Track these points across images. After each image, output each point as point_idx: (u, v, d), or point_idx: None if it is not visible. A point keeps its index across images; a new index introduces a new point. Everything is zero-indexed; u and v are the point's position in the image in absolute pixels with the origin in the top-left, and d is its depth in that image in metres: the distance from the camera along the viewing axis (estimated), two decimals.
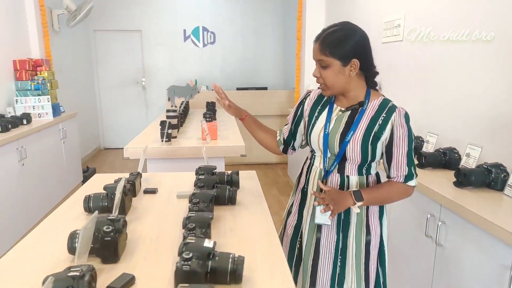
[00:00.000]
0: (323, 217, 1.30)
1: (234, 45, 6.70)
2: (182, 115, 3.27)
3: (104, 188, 1.33)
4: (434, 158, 2.00)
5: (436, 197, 1.68)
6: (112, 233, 0.98)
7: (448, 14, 2.29)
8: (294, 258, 1.50)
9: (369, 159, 1.33)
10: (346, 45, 1.24)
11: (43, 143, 3.58)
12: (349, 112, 1.34)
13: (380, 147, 1.32)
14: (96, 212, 0.95)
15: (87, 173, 4.79)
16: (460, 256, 1.57)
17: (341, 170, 1.37)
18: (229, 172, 1.63)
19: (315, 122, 1.40)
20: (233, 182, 1.60)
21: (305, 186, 1.47)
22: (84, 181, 4.74)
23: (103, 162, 5.97)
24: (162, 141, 2.59)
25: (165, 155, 2.52)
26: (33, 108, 3.76)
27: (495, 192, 1.64)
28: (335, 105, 1.39)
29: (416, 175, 1.33)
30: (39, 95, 3.83)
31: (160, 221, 1.32)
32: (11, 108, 3.62)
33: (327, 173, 1.39)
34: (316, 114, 1.41)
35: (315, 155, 1.44)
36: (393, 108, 1.30)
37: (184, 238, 1.02)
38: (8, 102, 3.69)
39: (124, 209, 1.32)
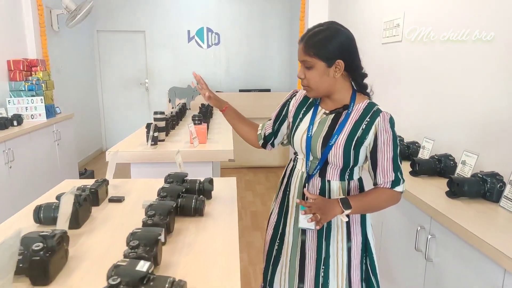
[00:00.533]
0: (305, 222, 1.24)
1: (239, 46, 6.60)
2: (175, 117, 3.17)
3: (57, 198, 1.24)
4: (428, 165, 1.86)
5: (426, 208, 1.55)
6: (42, 252, 0.88)
7: (448, 14, 2.15)
8: (272, 259, 1.48)
9: (351, 164, 1.29)
10: (330, 45, 1.21)
11: (35, 145, 3.53)
12: (332, 116, 1.31)
13: (364, 152, 1.28)
14: (20, 228, 0.85)
15: (85, 175, 4.75)
16: (450, 273, 1.43)
17: (323, 174, 1.33)
18: (202, 179, 1.53)
19: (298, 124, 1.36)
20: (205, 191, 1.49)
21: (287, 189, 1.43)
22: None
23: (104, 164, 5.92)
24: (148, 144, 2.50)
25: (149, 159, 2.42)
26: (26, 109, 3.71)
27: (490, 204, 1.50)
28: (319, 108, 1.35)
29: (403, 180, 1.28)
30: (32, 95, 3.79)
31: (115, 235, 1.22)
32: (3, 109, 3.58)
33: (309, 177, 1.35)
34: (300, 116, 1.38)
35: (297, 158, 1.41)
36: (378, 112, 1.26)
37: (125, 257, 0.91)
38: (1, 103, 3.66)
39: (77, 220, 1.22)
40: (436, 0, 2.28)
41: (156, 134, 2.54)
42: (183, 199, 1.33)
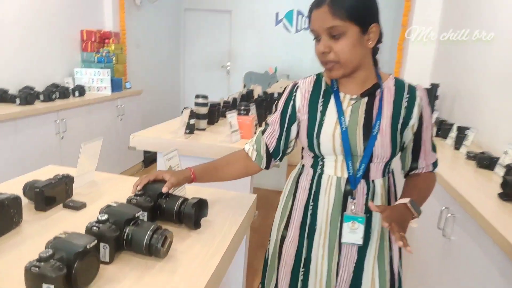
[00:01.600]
0: (354, 236, 1.07)
1: None
2: (228, 104, 2.72)
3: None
4: None
5: None
6: None
7: None
8: None
9: (396, 152, 1.09)
10: (364, 6, 0.99)
11: (93, 117, 3.42)
12: (366, 99, 1.07)
13: (407, 135, 1.09)
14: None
15: (150, 153, 4.63)
16: None
17: (366, 175, 1.09)
18: (189, 198, 1.03)
19: (322, 120, 1.08)
20: (183, 217, 0.99)
21: (312, 203, 1.13)
22: (145, 161, 4.59)
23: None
24: (181, 132, 2.09)
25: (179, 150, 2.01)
26: (93, 81, 3.63)
27: None
28: (342, 94, 1.08)
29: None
30: (101, 68, 3.70)
31: (9, 270, 0.79)
32: (71, 78, 3.53)
33: (355, 180, 1.07)
34: (320, 109, 1.09)
35: (324, 161, 1.11)
36: (413, 86, 1.09)
37: None
38: (70, 73, 3.63)
39: None
40: None
41: (192, 121, 2.12)
42: (133, 228, 0.85)
